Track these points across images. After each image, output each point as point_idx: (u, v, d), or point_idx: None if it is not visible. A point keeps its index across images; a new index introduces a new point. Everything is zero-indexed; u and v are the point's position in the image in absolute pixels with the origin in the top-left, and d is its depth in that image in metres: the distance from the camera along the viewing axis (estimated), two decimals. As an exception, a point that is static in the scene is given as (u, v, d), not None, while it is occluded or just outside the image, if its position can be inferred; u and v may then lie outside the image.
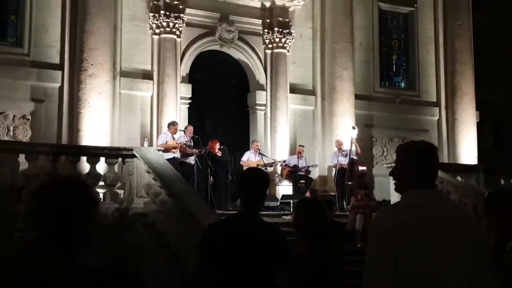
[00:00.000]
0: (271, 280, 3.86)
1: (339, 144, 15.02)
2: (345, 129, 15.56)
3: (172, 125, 13.45)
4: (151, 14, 14.96)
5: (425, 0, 18.87)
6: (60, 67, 14.12)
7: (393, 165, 3.56)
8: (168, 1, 14.93)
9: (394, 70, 18.71)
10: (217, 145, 13.96)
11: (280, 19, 16.28)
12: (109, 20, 14.20)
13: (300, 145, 15.39)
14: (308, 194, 13.40)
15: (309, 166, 14.98)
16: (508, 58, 23.74)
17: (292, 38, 16.46)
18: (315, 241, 4.53)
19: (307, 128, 16.72)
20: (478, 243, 2.84)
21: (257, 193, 3.95)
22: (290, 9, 16.52)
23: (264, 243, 3.77)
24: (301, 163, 14.67)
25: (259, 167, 14.18)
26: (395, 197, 12.74)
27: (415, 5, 18.60)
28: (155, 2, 14.94)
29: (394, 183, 3.04)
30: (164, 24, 14.87)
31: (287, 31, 16.32)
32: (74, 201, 2.38)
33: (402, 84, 18.72)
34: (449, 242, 2.78)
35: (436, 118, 18.43)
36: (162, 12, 14.84)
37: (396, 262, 2.72)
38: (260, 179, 4.07)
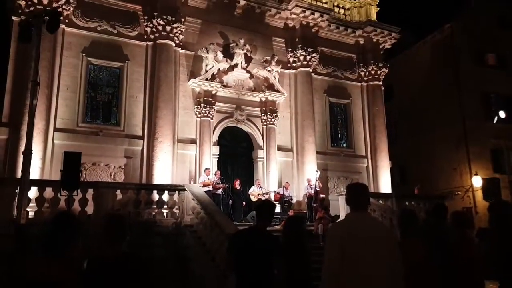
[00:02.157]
0: (272, 270, 3.89)
1: (308, 181, 14.90)
2: (311, 172, 15.47)
3: (207, 169, 13.54)
4: (195, 106, 15.06)
5: (356, 95, 18.73)
6: (141, 137, 14.06)
7: (342, 194, 3.87)
8: (205, 99, 15.03)
9: (339, 136, 18.55)
10: (237, 182, 14.15)
11: (271, 107, 16.28)
12: (171, 110, 14.21)
13: (286, 182, 15.29)
14: (291, 212, 13.62)
15: (291, 196, 14.98)
16: (405, 128, 24.23)
17: (278, 118, 16.42)
18: (297, 239, 4.71)
19: (288, 172, 16.49)
20: (390, 243, 2.99)
21: (270, 215, 4.10)
22: (277, 102, 16.48)
23: (268, 246, 3.83)
24: (286, 193, 14.66)
25: (260, 195, 14.48)
26: (343, 213, 13.02)
27: (350, 98, 18.56)
28: (198, 99, 15.05)
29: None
30: (203, 112, 14.96)
31: (275, 114, 16.32)
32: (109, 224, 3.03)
33: (344, 145, 18.51)
34: (371, 244, 2.89)
35: (365, 165, 18.26)
36: (202, 105, 14.97)
37: (342, 256, 2.88)
38: (272, 207, 4.22)
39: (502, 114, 20.67)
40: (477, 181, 20.52)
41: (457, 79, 22.43)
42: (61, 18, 11.82)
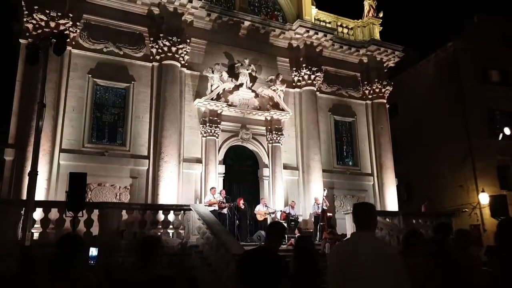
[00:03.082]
0: None
1: (316, 200, 14.75)
2: (317, 191, 15.32)
3: (212, 189, 13.38)
4: (201, 125, 14.99)
5: (360, 113, 18.66)
6: (147, 157, 13.93)
7: (349, 212, 3.75)
8: (210, 118, 14.99)
9: (345, 154, 18.40)
10: (241, 201, 13.89)
11: (276, 126, 16.21)
12: (176, 129, 14.14)
13: (292, 201, 15.09)
14: (297, 232, 13.37)
15: (297, 215, 14.74)
16: (411, 145, 24.03)
17: (283, 137, 16.29)
18: (309, 260, 4.64)
19: (294, 190, 16.28)
20: (395, 264, 2.90)
21: (281, 236, 4.07)
22: (282, 120, 16.39)
23: (277, 268, 3.80)
24: (292, 212, 14.46)
25: (266, 214, 14.27)
26: (350, 232, 12.79)
27: (355, 116, 18.47)
28: (204, 119, 15.01)
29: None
30: (209, 131, 14.89)
31: (280, 133, 16.23)
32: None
33: (350, 163, 18.34)
34: (374, 265, 2.84)
35: (372, 183, 18.05)
36: (207, 124, 14.92)
37: (344, 276, 2.87)
38: (283, 228, 4.19)
39: (507, 130, 20.48)
40: (484, 198, 20.20)
41: (461, 96, 22.35)
42: (68, 40, 12.00)
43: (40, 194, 11.08)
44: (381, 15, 19.49)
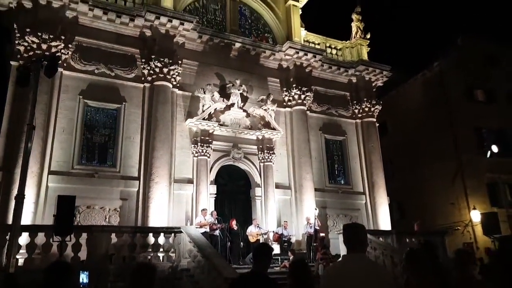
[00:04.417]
0: None
1: (307, 220, 14.64)
2: (310, 210, 15.16)
3: (203, 210, 13.20)
4: (192, 145, 14.93)
5: (351, 131, 18.79)
6: (137, 178, 13.75)
7: (341, 232, 3.68)
8: (202, 138, 14.93)
9: (337, 173, 18.37)
10: (234, 222, 13.76)
11: (268, 145, 16.22)
12: (167, 150, 14.01)
13: (285, 221, 14.96)
14: (289, 253, 13.15)
15: (290, 235, 14.58)
16: (401, 163, 24.20)
17: (275, 156, 16.29)
18: (304, 280, 4.59)
19: (286, 210, 16.15)
20: (384, 284, 2.90)
21: (268, 259, 3.93)
22: (273, 139, 16.42)
23: None
24: (285, 232, 14.29)
25: (258, 235, 14.07)
26: (343, 252, 12.64)
27: (345, 135, 18.58)
28: (195, 139, 14.95)
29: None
30: (200, 151, 14.81)
31: (272, 152, 16.23)
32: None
33: (342, 181, 18.30)
34: (362, 286, 2.82)
35: (364, 201, 17.97)
36: (199, 144, 14.86)
37: None
38: (270, 250, 4.05)
39: (494, 148, 20.76)
40: (475, 216, 20.25)
41: (449, 115, 22.78)
42: (60, 62, 11.99)
43: (27, 218, 10.83)
44: (368, 36, 19.93)
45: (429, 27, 51.15)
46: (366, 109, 18.89)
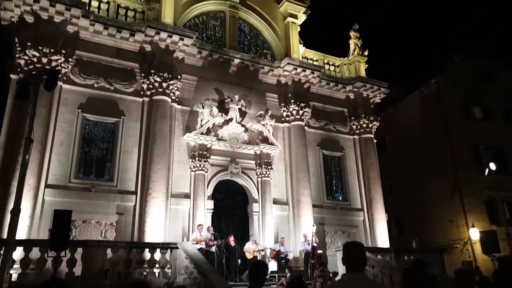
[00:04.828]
0: None
1: (305, 237, 14.56)
2: (307, 226, 15.08)
3: (199, 226, 13.18)
4: (190, 160, 14.95)
5: (349, 147, 18.85)
6: (134, 193, 13.72)
7: (340, 249, 3.70)
8: (200, 152, 14.99)
9: (334, 189, 18.34)
10: (231, 238, 13.71)
11: (266, 160, 16.25)
12: (165, 164, 14.03)
13: (282, 237, 14.90)
14: (287, 270, 13.03)
15: (287, 252, 14.53)
16: (399, 179, 24.23)
17: (273, 171, 16.31)
18: None
19: (284, 226, 16.07)
20: None
21: (263, 276, 3.94)
22: (271, 154, 16.49)
23: None
24: (282, 249, 14.24)
25: (255, 252, 13.97)
26: (341, 270, 12.55)
27: (343, 151, 18.66)
28: (193, 153, 15.00)
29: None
30: (198, 165, 14.84)
31: (270, 167, 16.25)
32: None
33: (340, 198, 18.27)
34: None
35: (362, 218, 17.92)
36: (197, 158, 14.89)
37: None
38: (265, 267, 4.05)
39: (492, 166, 20.85)
40: (474, 234, 20.19)
41: (446, 132, 22.96)
42: (59, 75, 12.10)
43: (22, 232, 10.76)
44: (366, 53, 20.23)
45: (426, 44, 51.97)
46: (364, 125, 19.02)
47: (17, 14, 13.38)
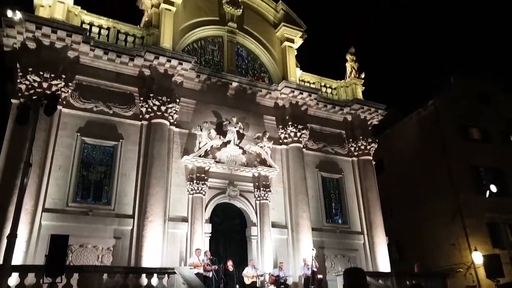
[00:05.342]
0: None
1: (304, 261, 14.49)
2: (307, 250, 15.02)
3: (197, 250, 13.17)
4: (188, 182, 15.04)
5: (347, 169, 18.90)
6: (132, 216, 13.72)
7: (340, 274, 3.74)
8: (198, 175, 15.08)
9: (334, 211, 18.30)
10: (230, 263, 13.66)
11: (264, 182, 16.33)
12: (163, 187, 14.08)
13: (280, 262, 14.80)
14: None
15: (287, 276, 14.41)
16: (398, 201, 24.18)
17: (271, 194, 16.33)
18: None
19: (283, 250, 15.97)
20: None
21: None
22: (269, 177, 16.57)
23: None
24: (282, 274, 14.12)
25: (254, 277, 13.85)
26: (341, 295, 12.44)
27: (342, 173, 18.71)
28: (191, 176, 15.09)
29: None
30: (195, 188, 14.90)
31: (268, 189, 16.30)
32: None
33: (339, 221, 18.21)
34: None
35: (362, 241, 17.82)
36: (194, 181, 14.98)
37: None
38: None
39: (493, 188, 20.89)
40: (477, 257, 20.01)
41: (444, 153, 23.13)
42: (59, 100, 12.34)
43: (18, 257, 10.76)
44: (363, 76, 20.66)
45: (423, 66, 52.87)
46: (362, 147, 19.20)
47: (19, 40, 13.79)
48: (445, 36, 53.50)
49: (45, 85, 13.21)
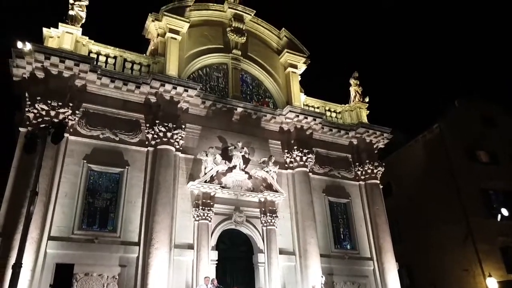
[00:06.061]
0: None
1: (313, 288, 14.30)
2: (316, 277, 14.84)
3: (206, 278, 13.07)
4: (194, 209, 15.07)
5: (354, 193, 18.90)
6: (137, 244, 13.69)
7: None
8: (203, 201, 15.11)
9: (342, 237, 18.15)
10: (237, 291, 13.54)
11: (270, 208, 16.29)
12: (169, 213, 14.10)
13: (289, 290, 14.69)
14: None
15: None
16: (407, 225, 23.87)
17: (278, 219, 16.25)
18: None
19: (291, 277, 15.76)
20: None
21: None
22: (276, 202, 16.55)
23: None
24: (290, 302, 13.99)
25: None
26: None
27: (349, 197, 18.69)
28: (197, 202, 15.17)
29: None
30: (201, 214, 14.90)
31: (275, 215, 16.23)
32: None
33: (348, 246, 18.05)
34: None
35: (372, 268, 17.59)
36: (200, 207, 14.99)
37: None
38: None
39: (505, 211, 20.61)
40: (492, 284, 19.51)
41: (452, 176, 23.03)
42: (66, 128, 12.56)
43: (23, 286, 10.66)
44: (367, 99, 20.89)
45: (427, 89, 53.35)
46: (369, 171, 19.23)
47: (28, 70, 14.24)
48: (449, 59, 54.24)
49: (52, 113, 13.51)
